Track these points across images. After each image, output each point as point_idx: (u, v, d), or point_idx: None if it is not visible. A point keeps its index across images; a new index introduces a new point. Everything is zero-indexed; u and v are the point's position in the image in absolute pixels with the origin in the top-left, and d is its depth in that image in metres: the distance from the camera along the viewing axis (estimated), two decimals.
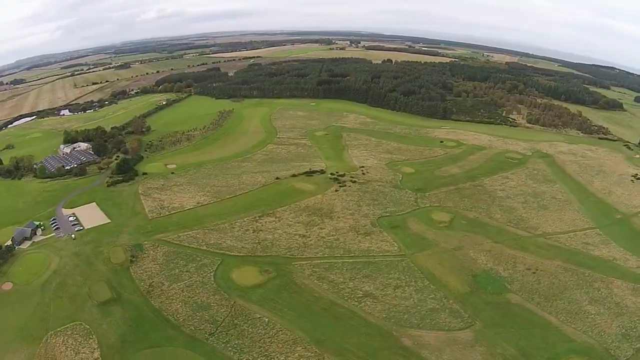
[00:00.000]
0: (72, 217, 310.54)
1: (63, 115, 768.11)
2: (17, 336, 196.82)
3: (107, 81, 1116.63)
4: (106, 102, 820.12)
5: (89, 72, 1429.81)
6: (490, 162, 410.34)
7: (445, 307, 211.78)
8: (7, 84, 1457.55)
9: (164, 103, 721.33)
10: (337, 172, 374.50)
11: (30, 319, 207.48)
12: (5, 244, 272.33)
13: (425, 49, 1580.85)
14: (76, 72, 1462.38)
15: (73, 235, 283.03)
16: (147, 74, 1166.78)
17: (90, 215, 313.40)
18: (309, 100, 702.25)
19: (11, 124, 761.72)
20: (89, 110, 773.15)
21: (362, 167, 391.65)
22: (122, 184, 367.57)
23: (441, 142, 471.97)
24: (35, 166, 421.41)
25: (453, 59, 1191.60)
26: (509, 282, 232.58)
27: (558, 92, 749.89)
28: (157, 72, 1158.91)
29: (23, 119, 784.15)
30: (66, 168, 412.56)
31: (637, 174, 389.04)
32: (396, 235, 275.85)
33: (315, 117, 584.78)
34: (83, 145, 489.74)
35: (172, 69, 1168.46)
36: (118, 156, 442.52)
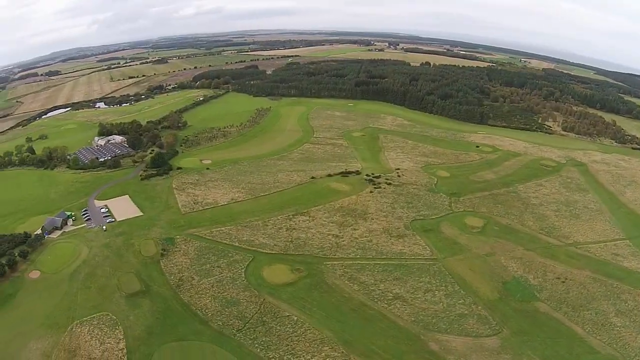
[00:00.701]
0: (104, 209, 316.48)
1: (98, 107, 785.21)
2: (42, 324, 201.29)
3: (143, 75, 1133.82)
4: (142, 96, 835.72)
5: (126, 66, 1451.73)
6: (525, 168, 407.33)
7: (473, 312, 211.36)
8: (42, 75, 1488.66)
9: (201, 99, 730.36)
10: (372, 174, 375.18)
11: (57, 308, 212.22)
12: (35, 233, 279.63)
13: (464, 52, 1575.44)
14: (112, 66, 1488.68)
15: (104, 227, 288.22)
16: (184, 69, 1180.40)
17: (123, 208, 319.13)
18: (346, 100, 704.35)
19: (45, 114, 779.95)
20: (125, 104, 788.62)
21: (398, 169, 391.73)
22: (156, 177, 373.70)
23: (477, 147, 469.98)
24: (68, 157, 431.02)
25: (491, 64, 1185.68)
26: (538, 290, 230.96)
27: (593, 101, 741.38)
28: (195, 68, 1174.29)
29: (57, 110, 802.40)
30: (100, 160, 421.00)
31: None
32: (429, 239, 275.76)
33: (353, 118, 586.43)
34: (118, 138, 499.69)
35: (209, 66, 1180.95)
36: (153, 150, 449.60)
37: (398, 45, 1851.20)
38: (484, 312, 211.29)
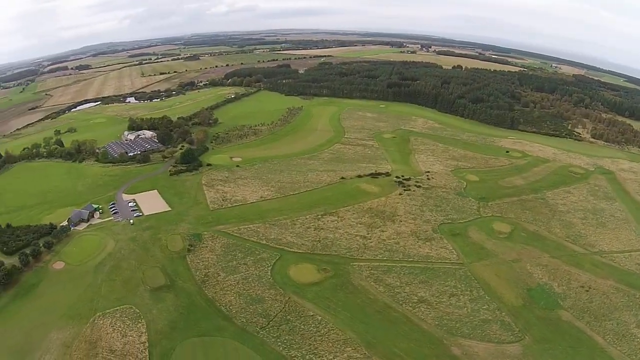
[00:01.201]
0: (132, 203, 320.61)
1: (129, 102, 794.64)
2: (64, 314, 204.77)
3: (175, 72, 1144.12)
4: (173, 92, 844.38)
5: (157, 62, 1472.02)
6: (553, 175, 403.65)
7: (497, 318, 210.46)
8: (72, 68, 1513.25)
9: (232, 96, 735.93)
10: (402, 176, 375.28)
11: (79, 299, 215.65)
12: (61, 224, 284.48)
13: (495, 56, 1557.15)
14: (144, 61, 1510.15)
15: (131, 221, 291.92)
16: (216, 66, 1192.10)
17: (151, 202, 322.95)
18: (378, 102, 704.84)
19: (75, 108, 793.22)
20: (156, 100, 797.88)
21: (428, 172, 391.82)
22: (185, 173, 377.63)
23: (507, 152, 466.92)
24: (97, 151, 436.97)
25: (522, 69, 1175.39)
26: (562, 298, 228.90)
27: (622, 108, 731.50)
28: (227, 65, 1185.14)
29: (87, 104, 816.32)
30: (129, 154, 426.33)
31: None
32: (456, 243, 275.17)
33: (384, 120, 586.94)
34: (148, 133, 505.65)
35: (242, 63, 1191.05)
36: (183, 146, 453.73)
37: (430, 47, 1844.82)
38: (507, 319, 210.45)
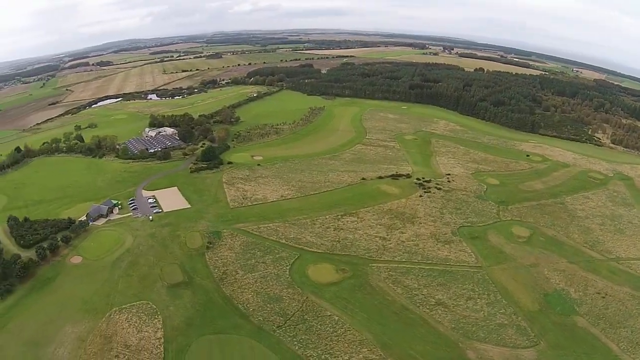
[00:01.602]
0: (151, 199, 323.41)
1: (150, 99, 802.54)
2: (80, 308, 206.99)
3: (197, 69, 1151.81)
4: (195, 90, 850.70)
5: (179, 60, 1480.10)
6: (573, 180, 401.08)
7: (513, 323, 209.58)
8: (93, 64, 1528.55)
9: (254, 95, 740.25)
10: (423, 178, 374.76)
11: (96, 294, 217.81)
12: (79, 219, 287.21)
13: (517, 60, 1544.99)
14: (165, 59, 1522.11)
15: (151, 217, 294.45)
16: (238, 65, 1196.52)
17: (171, 199, 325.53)
18: (400, 103, 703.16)
19: (95, 103, 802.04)
20: (177, 97, 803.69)
21: (448, 174, 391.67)
22: (206, 171, 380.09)
23: (527, 155, 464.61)
24: (117, 147, 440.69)
25: (543, 72, 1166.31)
26: (578, 304, 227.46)
27: None
28: (249, 64, 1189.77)
29: (108, 100, 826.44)
30: (150, 151, 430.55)
31: None
32: (475, 247, 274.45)
33: (406, 121, 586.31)
34: (169, 130, 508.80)
35: (264, 62, 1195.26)
36: (204, 144, 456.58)
37: (452, 49, 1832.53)
38: (523, 323, 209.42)
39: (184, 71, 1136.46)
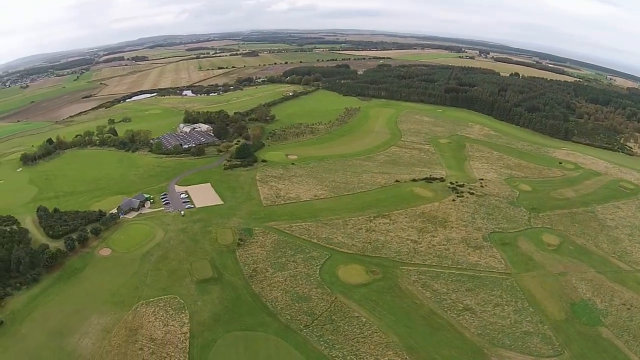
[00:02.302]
0: (184, 194, 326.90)
1: (185, 95, 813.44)
2: (106, 300, 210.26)
3: (233, 67, 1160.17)
4: (231, 87, 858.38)
5: (215, 57, 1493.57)
6: (604, 189, 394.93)
7: (539, 331, 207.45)
8: (128, 59, 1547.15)
9: (290, 94, 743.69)
10: (456, 182, 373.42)
11: (123, 286, 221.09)
12: (110, 212, 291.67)
13: (552, 66, 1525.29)
14: (201, 55, 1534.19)
15: (182, 212, 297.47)
16: (274, 63, 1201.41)
17: (203, 195, 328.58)
18: (435, 106, 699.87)
19: (130, 98, 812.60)
20: (213, 94, 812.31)
21: (482, 179, 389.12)
22: (239, 168, 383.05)
23: (560, 163, 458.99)
24: (151, 141, 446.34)
25: (577, 79, 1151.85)
26: (603, 315, 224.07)
27: None
28: (285, 63, 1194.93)
29: (142, 95, 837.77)
30: (184, 147, 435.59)
31: None
32: (505, 253, 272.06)
33: (441, 124, 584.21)
34: (204, 127, 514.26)
35: (300, 62, 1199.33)
36: (239, 141, 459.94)
37: (488, 54, 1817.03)
38: (548, 332, 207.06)
39: (219, 68, 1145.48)
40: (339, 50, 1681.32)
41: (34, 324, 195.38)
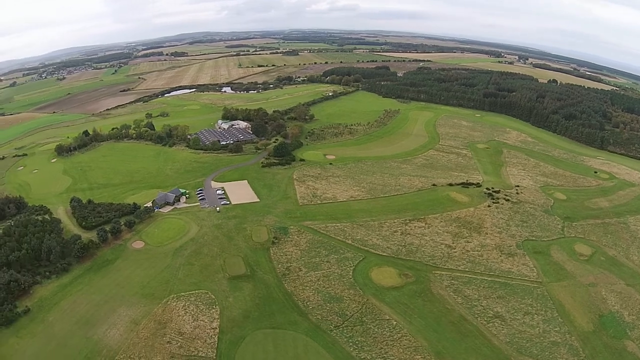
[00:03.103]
0: (220, 191, 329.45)
1: (224, 92, 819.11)
2: (136, 292, 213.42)
3: (273, 65, 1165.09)
4: (270, 86, 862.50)
5: (255, 54, 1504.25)
6: (637, 200, 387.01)
7: (566, 342, 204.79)
8: (167, 55, 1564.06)
9: (330, 94, 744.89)
10: (492, 188, 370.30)
11: (154, 279, 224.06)
12: (145, 205, 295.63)
13: (589, 73, 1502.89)
14: (241, 53, 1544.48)
15: (218, 208, 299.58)
16: (315, 63, 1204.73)
17: (240, 192, 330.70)
18: (474, 111, 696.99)
19: (168, 93, 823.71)
20: (252, 91, 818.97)
21: (518, 186, 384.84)
22: (277, 166, 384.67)
23: (595, 172, 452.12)
24: (189, 137, 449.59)
25: (614, 88, 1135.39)
26: (630, 328, 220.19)
27: None
28: (326, 62, 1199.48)
29: (181, 90, 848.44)
30: (221, 143, 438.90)
31: None
32: (537, 261, 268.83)
33: (479, 129, 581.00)
34: (242, 124, 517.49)
35: (341, 62, 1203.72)
36: (277, 139, 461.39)
37: (527, 59, 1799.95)
38: (576, 343, 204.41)
39: (259, 66, 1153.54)
40: (380, 51, 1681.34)
41: (61, 313, 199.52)
